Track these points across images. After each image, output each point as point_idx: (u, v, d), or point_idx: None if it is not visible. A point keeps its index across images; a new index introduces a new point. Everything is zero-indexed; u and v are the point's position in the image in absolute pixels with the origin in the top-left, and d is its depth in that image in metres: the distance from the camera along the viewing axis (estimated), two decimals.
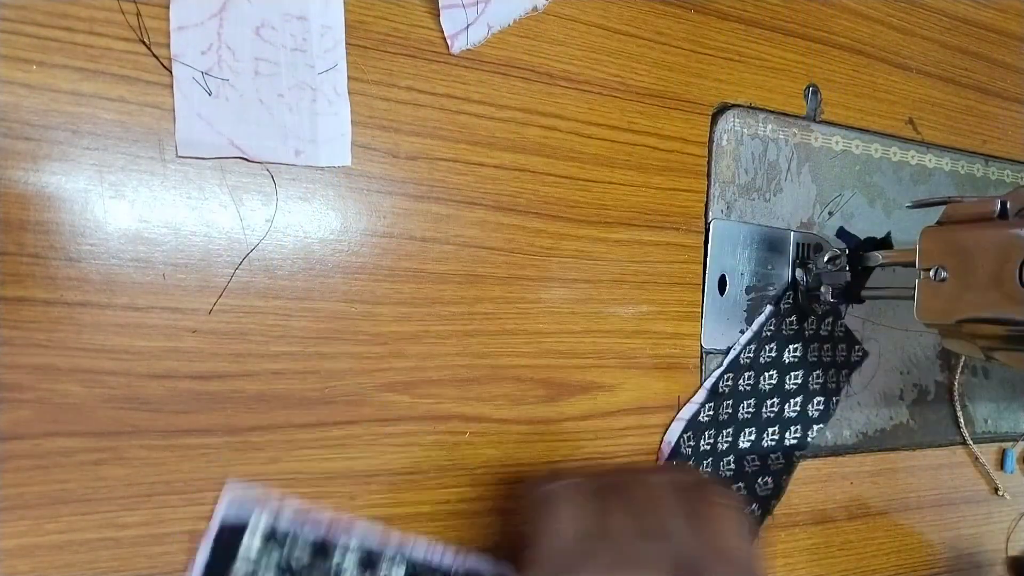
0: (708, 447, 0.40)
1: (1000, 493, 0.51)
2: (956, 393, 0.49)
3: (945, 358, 0.49)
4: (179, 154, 0.29)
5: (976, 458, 0.51)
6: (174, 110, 0.29)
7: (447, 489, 0.35)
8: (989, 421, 0.51)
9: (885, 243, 0.44)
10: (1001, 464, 0.52)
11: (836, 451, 0.45)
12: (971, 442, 0.50)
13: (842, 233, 0.42)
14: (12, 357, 0.28)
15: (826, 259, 0.41)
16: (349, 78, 0.32)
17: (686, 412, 0.40)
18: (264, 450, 0.31)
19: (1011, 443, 0.52)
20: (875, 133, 0.46)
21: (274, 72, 0.30)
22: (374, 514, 0.34)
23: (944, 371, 0.49)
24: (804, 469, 0.44)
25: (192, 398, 0.30)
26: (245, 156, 0.30)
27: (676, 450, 0.39)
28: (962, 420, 0.49)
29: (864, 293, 0.41)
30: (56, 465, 0.28)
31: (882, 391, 0.47)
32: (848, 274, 0.41)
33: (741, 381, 0.41)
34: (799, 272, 0.43)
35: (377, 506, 0.34)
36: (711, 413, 0.40)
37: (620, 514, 0.31)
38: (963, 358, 0.49)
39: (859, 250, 0.40)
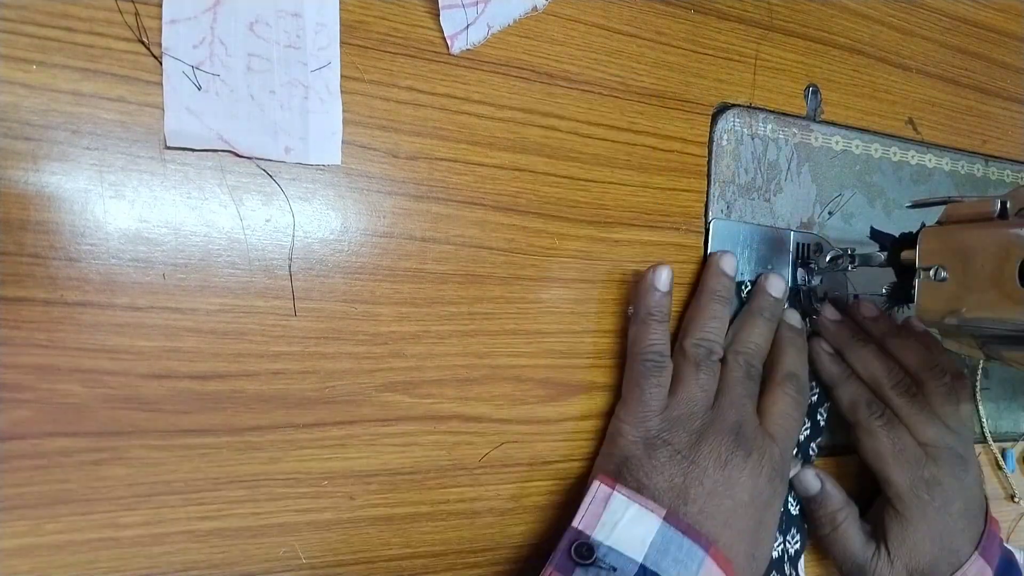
0: None
1: (1017, 500, 0.51)
2: (977, 393, 0.49)
3: None
4: (168, 145, 0.29)
5: (976, 457, 0.50)
6: (163, 103, 0.29)
7: (447, 489, 0.35)
8: (989, 421, 0.51)
9: None
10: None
11: (836, 451, 0.45)
12: (992, 440, 0.50)
13: (875, 233, 0.41)
14: (12, 357, 0.28)
15: (828, 259, 0.41)
16: (343, 76, 0.32)
17: None
18: (264, 450, 0.31)
19: (1011, 443, 0.52)
20: (875, 133, 0.46)
21: (266, 68, 0.30)
22: (374, 514, 0.34)
23: None
24: None
25: (192, 398, 0.30)
26: (235, 151, 0.30)
27: None
28: (974, 418, 0.49)
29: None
30: (56, 465, 0.28)
31: None
32: (844, 272, 0.41)
33: None
34: (799, 272, 0.43)
35: (377, 506, 0.34)
36: None
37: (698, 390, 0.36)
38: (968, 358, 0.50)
39: (898, 248, 0.38)
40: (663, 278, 0.36)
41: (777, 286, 0.40)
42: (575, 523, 0.33)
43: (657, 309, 0.36)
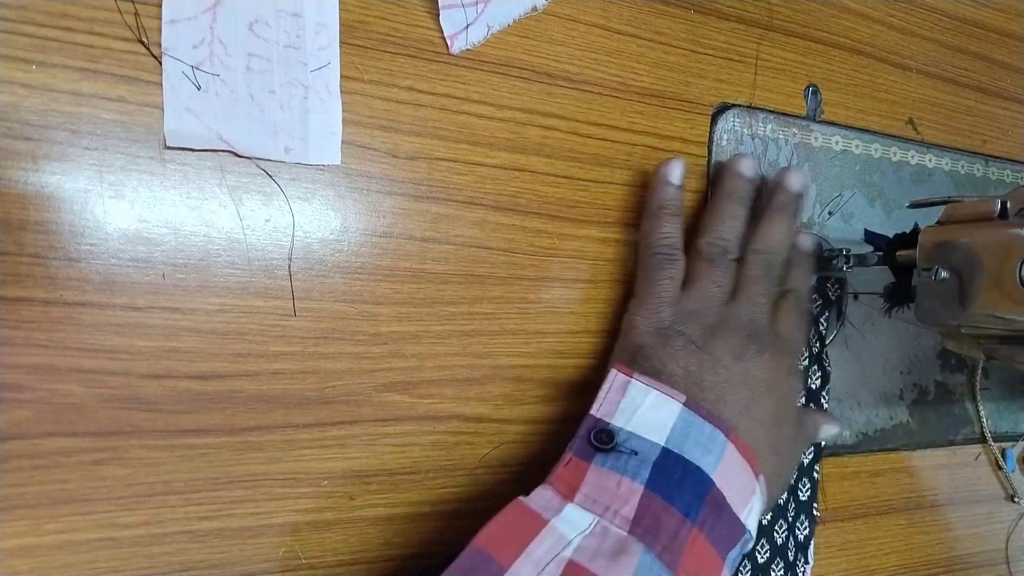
0: None
1: (1017, 500, 0.51)
2: (977, 393, 0.50)
3: (945, 358, 0.49)
4: (167, 145, 0.29)
5: (976, 457, 0.51)
6: (162, 103, 0.29)
7: (447, 489, 0.35)
8: (989, 421, 0.51)
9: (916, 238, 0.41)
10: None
11: (836, 451, 0.45)
12: (991, 441, 0.50)
13: (870, 236, 0.41)
14: (12, 357, 0.28)
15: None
16: (342, 76, 0.32)
17: None
18: (263, 450, 0.31)
19: (1011, 443, 0.52)
20: (875, 133, 0.46)
21: (266, 68, 0.30)
22: (374, 514, 0.34)
23: (944, 371, 0.49)
24: None
25: (192, 398, 0.30)
26: (234, 151, 0.30)
27: None
28: (974, 418, 0.49)
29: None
30: (56, 465, 0.28)
31: (882, 391, 0.47)
32: (840, 270, 0.41)
33: None
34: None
35: (376, 506, 0.34)
36: None
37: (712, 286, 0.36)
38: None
39: (893, 248, 0.38)
40: (676, 171, 0.36)
41: (797, 180, 0.38)
42: (593, 411, 0.32)
43: (669, 202, 0.36)
